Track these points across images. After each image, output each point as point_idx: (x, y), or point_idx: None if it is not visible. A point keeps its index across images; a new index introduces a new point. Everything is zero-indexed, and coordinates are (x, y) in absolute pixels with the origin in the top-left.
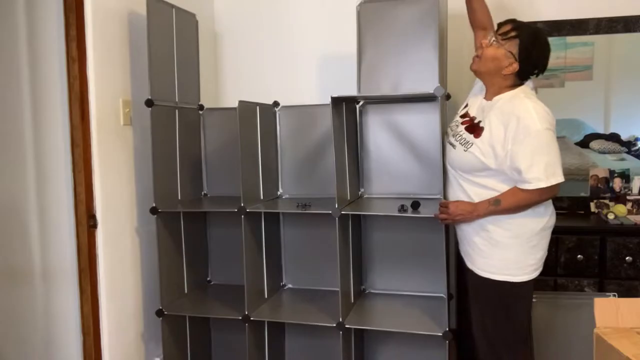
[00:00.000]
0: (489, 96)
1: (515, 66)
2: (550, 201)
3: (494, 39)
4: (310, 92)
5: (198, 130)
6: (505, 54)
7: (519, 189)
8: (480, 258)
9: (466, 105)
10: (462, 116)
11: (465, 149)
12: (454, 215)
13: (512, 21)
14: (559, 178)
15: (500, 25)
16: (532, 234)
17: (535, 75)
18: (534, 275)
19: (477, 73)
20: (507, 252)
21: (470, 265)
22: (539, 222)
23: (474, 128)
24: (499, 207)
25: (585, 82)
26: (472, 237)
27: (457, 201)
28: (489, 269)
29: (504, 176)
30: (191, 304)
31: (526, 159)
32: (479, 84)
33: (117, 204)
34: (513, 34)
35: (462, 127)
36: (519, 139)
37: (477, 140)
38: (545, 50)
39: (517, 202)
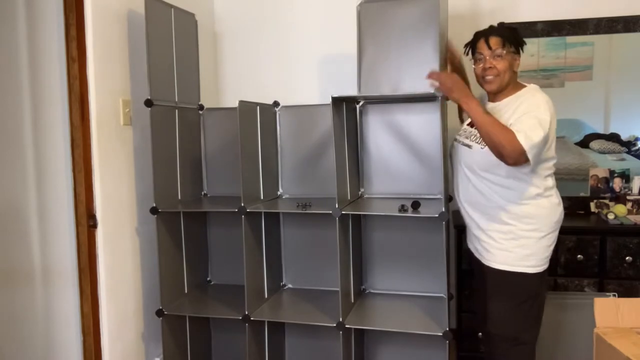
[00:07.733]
0: (499, 98)
1: (519, 57)
2: (558, 193)
3: (500, 50)
4: (310, 92)
5: (198, 130)
6: (512, 56)
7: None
8: (499, 252)
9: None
10: (471, 124)
11: (483, 146)
12: (448, 84)
13: (495, 31)
14: (531, 149)
15: (487, 39)
16: (550, 224)
17: None
18: (547, 265)
19: (499, 88)
20: (528, 244)
21: (487, 262)
22: (555, 214)
23: None
24: (485, 116)
25: (585, 82)
26: (492, 233)
27: (455, 77)
28: (511, 262)
29: (520, 173)
30: (191, 304)
31: (526, 121)
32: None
33: (117, 204)
34: (507, 39)
35: (474, 129)
36: (527, 112)
37: None
38: (514, 29)
39: (493, 128)
